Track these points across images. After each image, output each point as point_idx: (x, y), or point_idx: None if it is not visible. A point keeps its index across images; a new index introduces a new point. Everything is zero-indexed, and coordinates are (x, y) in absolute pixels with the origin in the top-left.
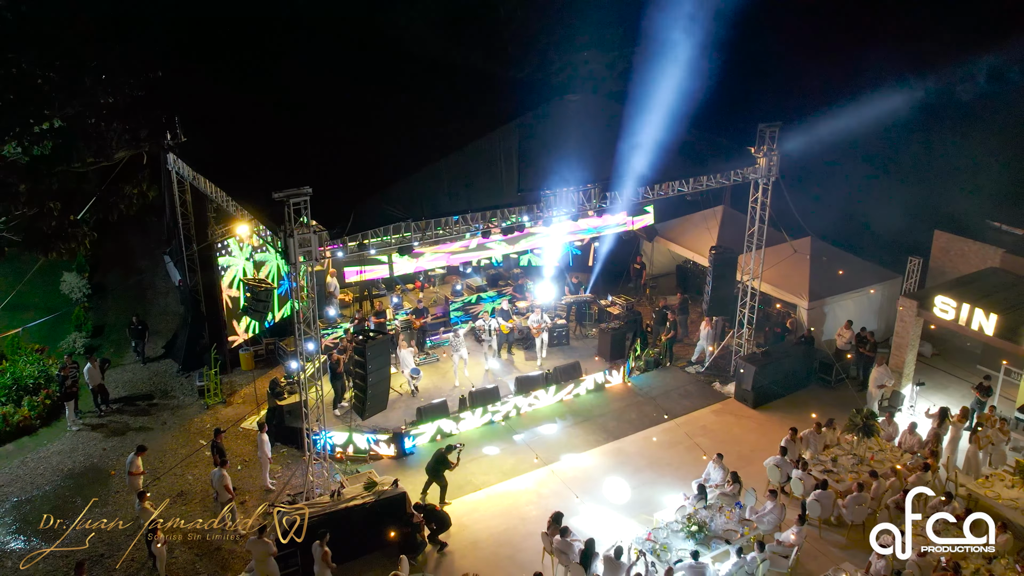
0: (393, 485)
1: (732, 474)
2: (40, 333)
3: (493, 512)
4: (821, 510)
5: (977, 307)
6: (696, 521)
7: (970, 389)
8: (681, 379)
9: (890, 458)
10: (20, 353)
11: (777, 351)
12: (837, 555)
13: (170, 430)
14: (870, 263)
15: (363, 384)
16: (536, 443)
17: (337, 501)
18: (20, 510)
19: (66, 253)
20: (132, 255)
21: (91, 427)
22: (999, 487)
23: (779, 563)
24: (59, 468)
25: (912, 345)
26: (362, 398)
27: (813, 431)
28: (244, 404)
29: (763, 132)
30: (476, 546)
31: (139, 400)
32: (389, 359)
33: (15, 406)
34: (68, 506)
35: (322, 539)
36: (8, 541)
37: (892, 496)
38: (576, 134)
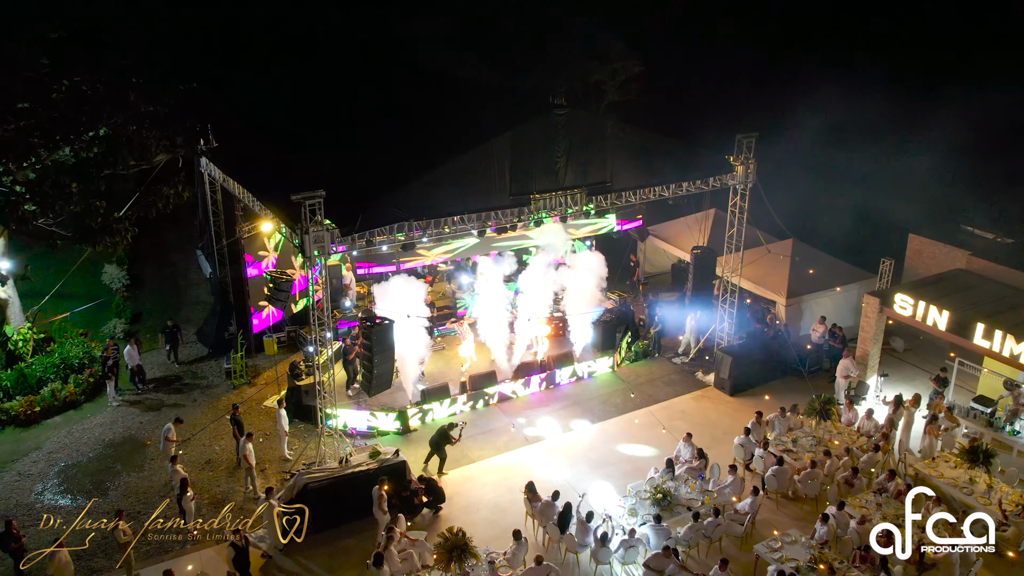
0: (395, 455)
1: (699, 451)
2: (84, 319)
3: (485, 482)
4: (777, 484)
5: (932, 304)
6: (661, 490)
7: (929, 380)
8: (667, 369)
9: (846, 440)
10: (66, 336)
11: (754, 343)
12: (789, 523)
13: (200, 407)
14: (848, 264)
15: (370, 365)
16: (528, 423)
17: (344, 467)
18: (67, 473)
19: (110, 246)
20: (167, 249)
21: (129, 403)
22: (943, 467)
23: (734, 528)
24: (101, 438)
25: (876, 339)
26: (369, 378)
27: (778, 415)
28: (267, 385)
29: (740, 141)
30: (467, 510)
31: (172, 380)
32: (392, 344)
33: (62, 383)
34: (108, 471)
35: (380, 484)
36: (56, 499)
37: (843, 473)
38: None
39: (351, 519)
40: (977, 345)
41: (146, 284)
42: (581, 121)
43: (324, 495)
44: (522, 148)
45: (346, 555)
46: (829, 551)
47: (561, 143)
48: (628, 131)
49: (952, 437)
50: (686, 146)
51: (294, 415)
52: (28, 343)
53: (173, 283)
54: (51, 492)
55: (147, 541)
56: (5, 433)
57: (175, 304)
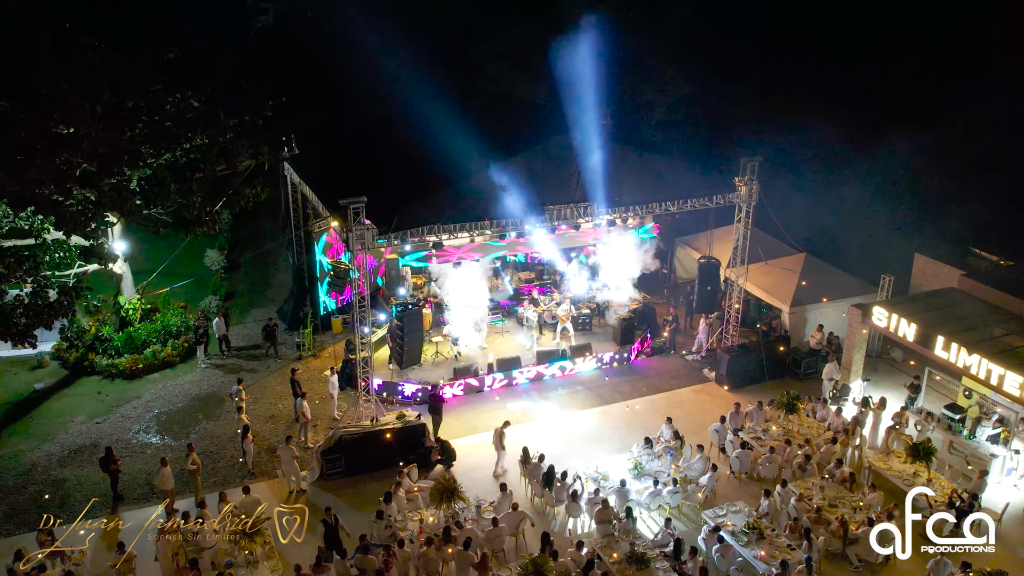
0: (417, 418)
1: (675, 433)
2: (186, 294)
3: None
4: (741, 465)
5: (902, 318)
6: (635, 461)
7: (904, 387)
8: (678, 364)
9: (812, 432)
10: (169, 307)
11: (754, 345)
12: (746, 498)
13: (272, 372)
14: (855, 278)
15: (401, 343)
16: (542, 401)
17: (374, 425)
18: (159, 418)
19: (201, 235)
20: (263, 237)
21: (215, 366)
22: (894, 462)
23: (693, 498)
24: (189, 392)
25: (859, 347)
26: (400, 353)
27: (756, 407)
28: (329, 358)
29: (745, 164)
30: (474, 468)
31: (253, 349)
32: (422, 325)
33: (162, 346)
34: (191, 418)
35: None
36: (149, 437)
37: (797, 459)
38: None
39: (374, 468)
40: (937, 356)
41: (242, 267)
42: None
43: (355, 446)
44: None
45: (368, 494)
46: (766, 520)
47: (573, 162)
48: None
49: (907, 437)
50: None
51: (347, 383)
52: (137, 311)
53: (265, 268)
54: (144, 432)
55: (215, 472)
56: (114, 384)
57: (263, 286)
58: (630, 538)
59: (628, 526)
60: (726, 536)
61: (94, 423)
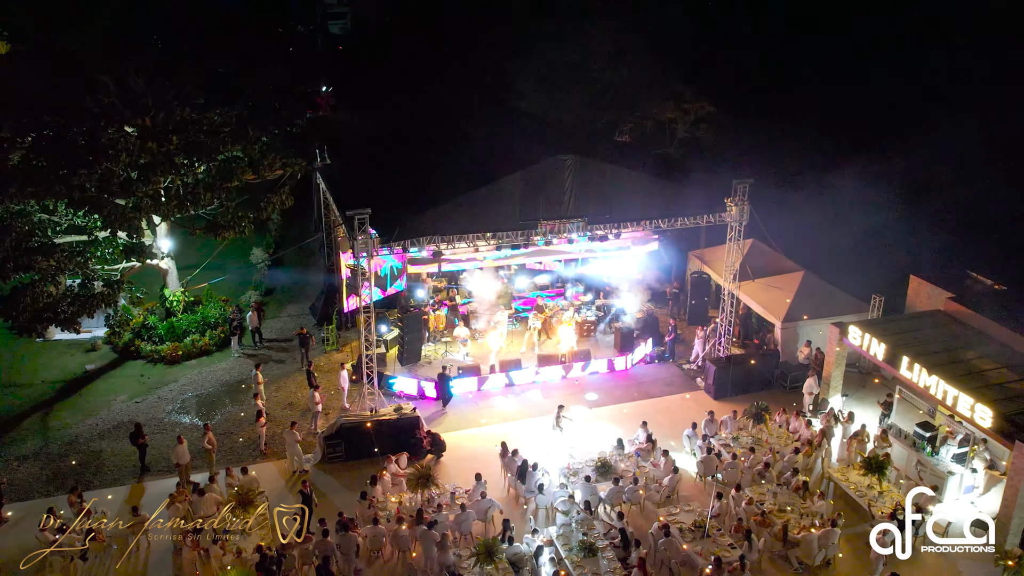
0: (412, 411)
1: (648, 436)
2: (230, 288)
3: (484, 441)
4: (705, 469)
5: (874, 337)
6: (603, 460)
7: (877, 404)
8: (672, 372)
9: (779, 442)
10: (211, 300)
11: (741, 357)
12: (704, 499)
13: (297, 363)
14: (851, 296)
15: (402, 342)
16: (535, 401)
17: (373, 415)
18: (190, 401)
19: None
20: (307, 237)
21: (247, 356)
22: (851, 474)
23: (654, 497)
24: (220, 379)
25: (838, 363)
26: (401, 350)
27: (731, 416)
28: (351, 352)
29: (736, 186)
30: (462, 459)
31: (283, 342)
32: (421, 326)
33: (200, 335)
34: (218, 402)
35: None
36: (179, 417)
37: (759, 467)
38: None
39: (371, 454)
40: (903, 375)
41: (285, 263)
42: (587, 163)
43: (354, 433)
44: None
45: (362, 478)
46: (715, 521)
47: (568, 179)
48: (626, 174)
49: (861, 452)
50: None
51: (361, 376)
52: (180, 303)
53: (305, 266)
54: (176, 412)
55: (232, 452)
56: (156, 368)
57: (302, 283)
58: (584, 528)
59: (585, 518)
60: (673, 532)
61: (134, 402)
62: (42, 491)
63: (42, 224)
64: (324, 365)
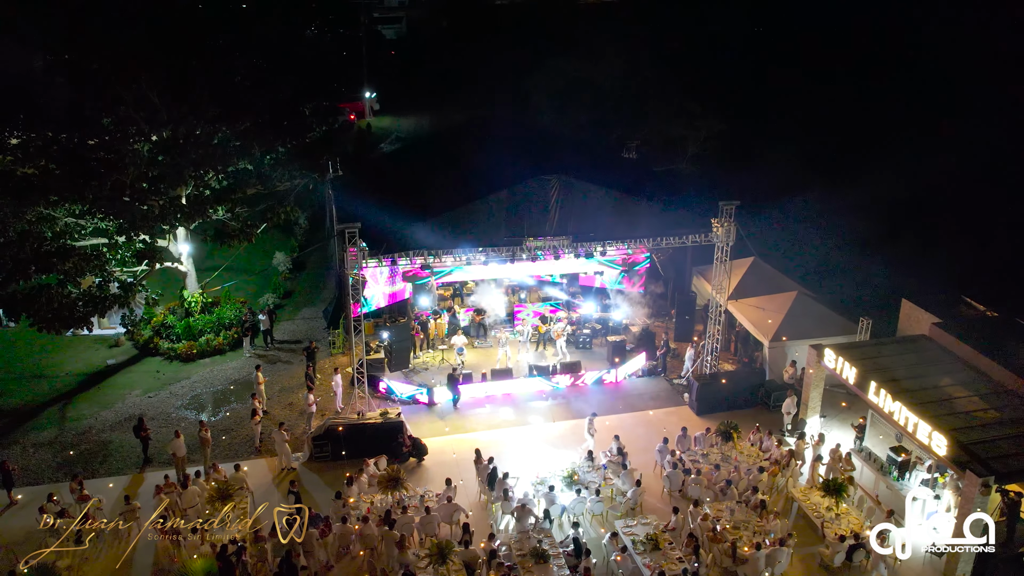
0: (397, 415)
1: (618, 449)
2: (251, 290)
3: (467, 447)
4: (671, 484)
5: (847, 361)
6: (571, 471)
7: (851, 426)
8: (661, 387)
9: (748, 460)
10: (229, 302)
11: (726, 374)
12: (665, 512)
13: (303, 365)
14: (841, 318)
15: (390, 347)
16: (521, 410)
17: (360, 419)
18: (199, 397)
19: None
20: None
21: (258, 356)
22: (813, 494)
23: (618, 508)
24: (230, 377)
25: (816, 384)
26: (390, 356)
27: (704, 433)
28: None
29: (723, 208)
30: (441, 464)
31: (293, 343)
32: (409, 333)
33: (215, 335)
34: (224, 400)
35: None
36: (186, 412)
37: (721, 484)
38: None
39: (355, 456)
40: (870, 400)
41: (306, 268)
42: (573, 184)
43: (339, 435)
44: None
45: (342, 477)
46: (670, 535)
47: (555, 198)
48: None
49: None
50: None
51: None
52: (197, 304)
53: (323, 272)
54: (184, 407)
55: (230, 447)
56: (171, 365)
57: (319, 288)
58: (540, 536)
59: (543, 526)
60: (627, 543)
61: (147, 397)
62: (51, 477)
63: (67, 228)
64: (328, 367)
